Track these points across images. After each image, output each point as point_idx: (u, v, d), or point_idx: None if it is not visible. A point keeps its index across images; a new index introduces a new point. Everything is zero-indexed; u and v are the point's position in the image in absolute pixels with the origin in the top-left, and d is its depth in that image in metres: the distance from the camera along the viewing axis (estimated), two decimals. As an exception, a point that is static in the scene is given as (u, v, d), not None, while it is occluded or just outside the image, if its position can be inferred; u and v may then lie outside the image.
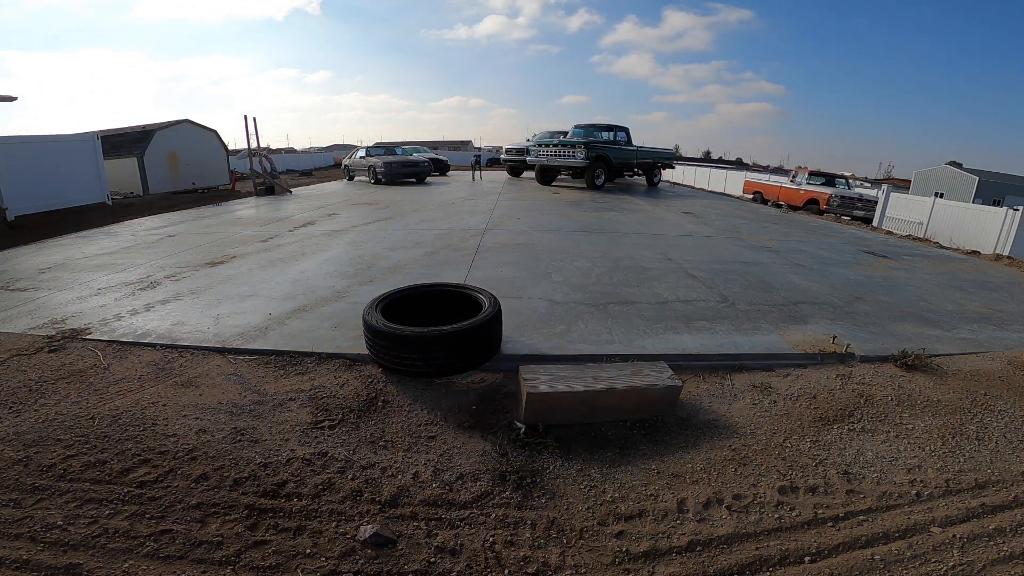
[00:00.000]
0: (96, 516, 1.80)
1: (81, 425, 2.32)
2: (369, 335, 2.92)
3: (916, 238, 9.87)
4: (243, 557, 1.67)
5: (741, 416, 2.71)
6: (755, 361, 3.36)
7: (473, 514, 1.93)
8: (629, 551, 1.78)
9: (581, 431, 2.52)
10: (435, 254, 5.89)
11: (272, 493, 1.98)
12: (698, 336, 3.64)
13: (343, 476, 2.09)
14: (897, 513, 2.03)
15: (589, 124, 15.83)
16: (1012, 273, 6.79)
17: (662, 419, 2.63)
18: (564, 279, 4.94)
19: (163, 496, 1.92)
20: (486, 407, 2.70)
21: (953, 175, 33.90)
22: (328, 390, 2.75)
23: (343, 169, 19.69)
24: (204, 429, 2.35)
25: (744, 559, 1.76)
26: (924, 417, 2.78)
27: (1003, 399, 3.00)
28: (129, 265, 5.24)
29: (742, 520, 1.96)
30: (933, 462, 2.40)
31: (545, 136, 18.15)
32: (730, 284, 5.06)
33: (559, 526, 1.89)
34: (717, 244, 7.36)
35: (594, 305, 4.21)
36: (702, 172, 22.06)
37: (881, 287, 5.41)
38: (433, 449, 2.33)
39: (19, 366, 2.90)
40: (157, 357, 3.06)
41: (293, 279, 4.74)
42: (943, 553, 1.83)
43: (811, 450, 2.44)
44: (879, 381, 3.12)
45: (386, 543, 1.75)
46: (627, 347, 3.36)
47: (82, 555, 1.63)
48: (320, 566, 1.65)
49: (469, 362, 2.90)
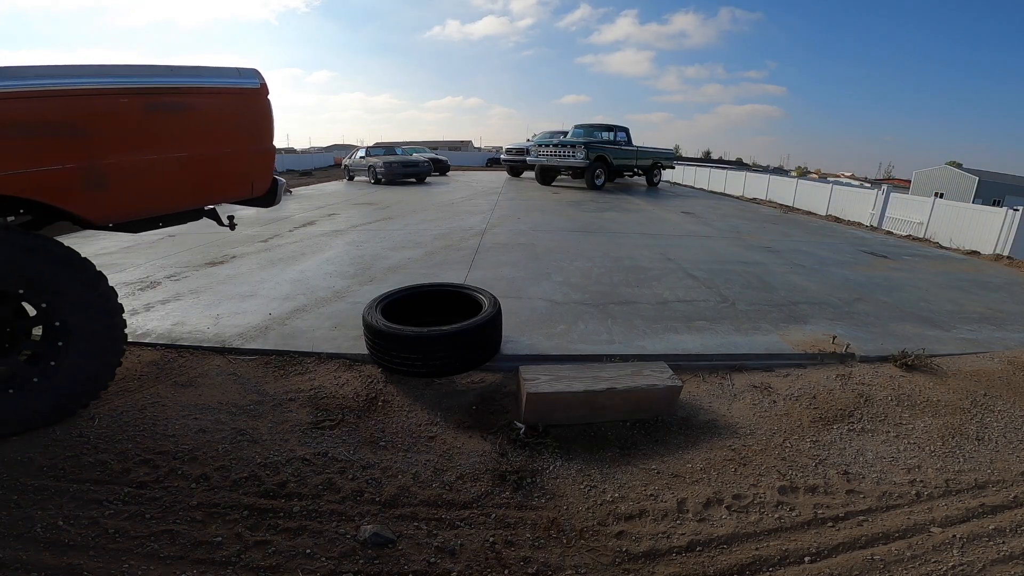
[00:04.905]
0: (96, 516, 1.80)
1: (81, 425, 2.31)
2: (369, 335, 2.92)
3: (916, 238, 9.87)
4: (243, 557, 1.67)
5: (741, 416, 2.71)
6: (755, 361, 3.36)
7: (473, 514, 1.93)
8: (629, 551, 1.78)
9: (581, 431, 2.52)
10: (435, 254, 5.89)
11: (272, 493, 1.98)
12: (698, 336, 3.64)
13: (343, 476, 2.09)
14: (897, 513, 2.04)
15: (589, 124, 15.83)
16: (1012, 273, 6.80)
17: (662, 419, 2.63)
18: (564, 279, 4.94)
19: (163, 496, 1.92)
20: (486, 407, 2.70)
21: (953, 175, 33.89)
22: (328, 390, 2.75)
23: (343, 169, 19.70)
24: (204, 429, 2.35)
25: (744, 559, 1.76)
26: (924, 417, 2.78)
27: (1003, 399, 3.00)
28: (129, 265, 5.24)
29: (742, 520, 1.96)
30: (933, 462, 2.40)
31: (545, 136, 18.16)
32: (730, 284, 5.06)
33: (559, 526, 1.89)
34: (717, 244, 7.36)
35: (594, 305, 4.21)
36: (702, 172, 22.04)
37: (881, 287, 5.41)
38: (433, 449, 2.33)
39: (19, 366, 2.90)
40: (157, 357, 3.05)
41: (293, 279, 4.74)
42: (943, 553, 1.84)
43: (811, 450, 2.44)
44: (879, 381, 3.12)
45: (386, 543, 1.75)
46: (627, 347, 3.36)
47: (82, 555, 1.63)
48: (320, 566, 1.65)
49: (469, 362, 2.90)
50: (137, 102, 2.38)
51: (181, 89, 2.54)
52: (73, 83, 2.21)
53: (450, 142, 61.37)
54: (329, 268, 5.18)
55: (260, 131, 2.92)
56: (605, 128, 15.46)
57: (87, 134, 2.24)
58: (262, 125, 2.91)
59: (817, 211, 13.24)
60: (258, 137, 2.93)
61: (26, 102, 2.08)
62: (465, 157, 38.69)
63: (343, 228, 7.63)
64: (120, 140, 2.36)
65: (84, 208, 2.32)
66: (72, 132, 2.20)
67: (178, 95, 2.54)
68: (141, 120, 2.41)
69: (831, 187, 13.50)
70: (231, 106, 2.79)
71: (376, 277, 4.86)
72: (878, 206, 11.33)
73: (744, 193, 17.67)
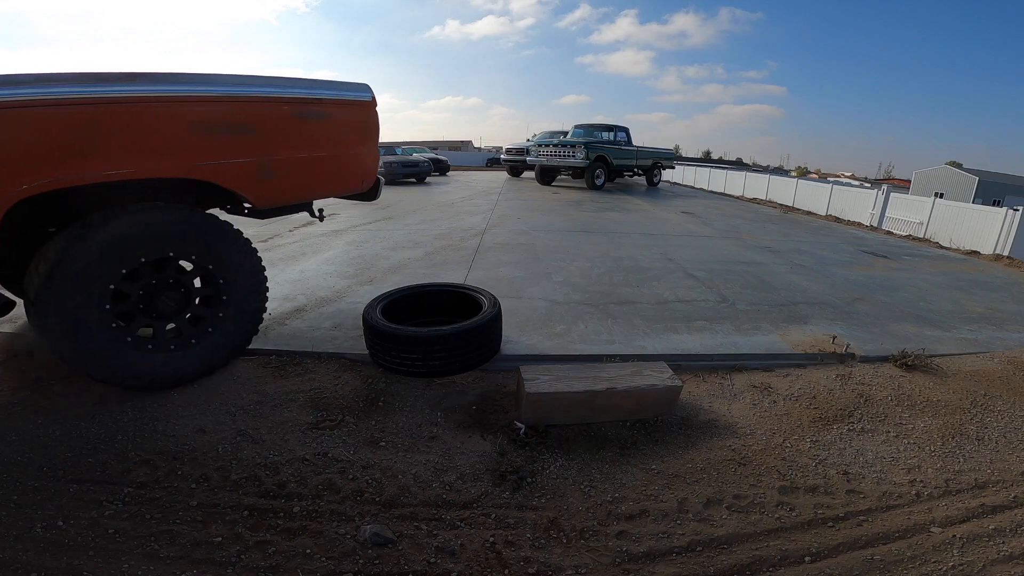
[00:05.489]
0: (96, 517, 1.80)
1: (81, 425, 2.32)
2: (369, 335, 2.92)
3: (916, 238, 9.87)
4: (243, 558, 1.67)
5: (741, 416, 2.71)
6: (755, 361, 3.36)
7: (473, 514, 1.93)
8: (629, 551, 1.78)
9: (581, 431, 2.52)
10: (435, 254, 5.89)
11: (272, 493, 1.98)
12: (698, 336, 3.64)
13: (343, 476, 2.09)
14: (897, 513, 2.04)
15: (589, 124, 15.83)
16: (1012, 273, 6.80)
17: (662, 419, 2.63)
18: (564, 279, 4.94)
19: (163, 496, 1.92)
20: (486, 407, 2.70)
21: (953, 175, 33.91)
22: (328, 390, 2.74)
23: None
24: (204, 429, 2.35)
25: (744, 559, 1.76)
26: (924, 417, 2.78)
27: (1003, 399, 3.00)
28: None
29: (742, 520, 1.96)
30: (933, 462, 2.40)
31: (545, 136, 18.16)
32: (730, 284, 5.06)
33: (559, 526, 1.89)
34: (717, 244, 7.37)
35: (594, 305, 4.21)
36: (702, 172, 22.05)
37: (881, 287, 5.41)
38: (433, 449, 2.33)
39: (19, 366, 2.90)
40: (157, 357, 3.05)
41: (293, 279, 4.74)
42: (943, 553, 1.84)
43: (811, 450, 2.44)
44: (879, 381, 3.12)
45: (386, 543, 1.75)
46: (627, 347, 3.36)
47: (82, 555, 1.63)
48: (320, 566, 1.65)
49: (469, 362, 2.90)
50: (293, 109, 2.95)
51: (323, 100, 3.12)
52: (251, 92, 2.77)
53: (450, 142, 61.31)
54: (329, 268, 5.18)
55: (371, 136, 3.51)
56: (605, 128, 15.46)
57: (260, 134, 2.82)
58: (373, 131, 3.50)
59: (817, 211, 13.24)
60: (370, 141, 3.52)
61: (224, 105, 2.66)
62: (465, 157, 38.65)
63: (343, 228, 7.62)
64: (281, 140, 2.94)
65: (254, 194, 2.90)
66: (250, 132, 2.78)
67: (320, 105, 3.11)
68: (295, 125, 3.00)
69: (831, 187, 13.51)
70: (353, 115, 3.37)
71: (376, 277, 4.86)
72: (878, 206, 11.34)
73: (744, 193, 17.67)
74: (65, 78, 2.18)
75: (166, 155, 2.49)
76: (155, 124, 2.43)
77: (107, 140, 2.30)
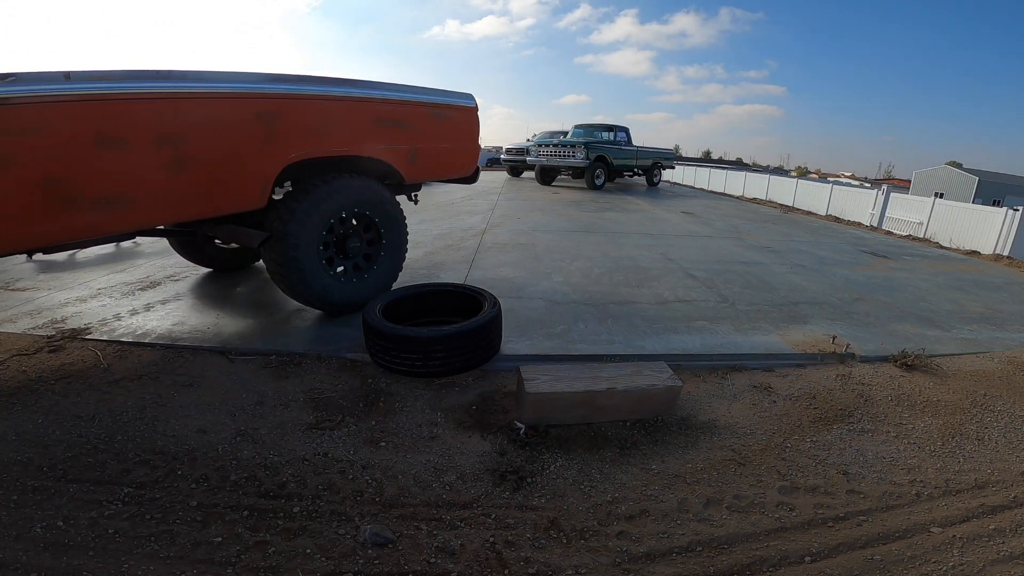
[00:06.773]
0: (96, 517, 1.80)
1: (81, 425, 2.32)
2: (369, 335, 2.92)
3: (916, 238, 9.87)
4: (243, 558, 1.67)
5: (741, 416, 2.71)
6: (755, 361, 3.36)
7: (473, 514, 1.93)
8: (630, 551, 1.78)
9: (581, 431, 2.52)
10: (435, 254, 5.89)
11: (272, 494, 1.97)
12: (698, 336, 3.64)
13: (343, 476, 2.09)
14: (897, 513, 2.04)
15: (589, 124, 15.84)
16: (1012, 273, 6.80)
17: (662, 419, 2.63)
18: (564, 279, 4.94)
19: (163, 497, 1.92)
20: (486, 407, 2.69)
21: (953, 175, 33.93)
22: (328, 391, 2.74)
23: (343, 169, 19.64)
24: (204, 429, 2.35)
25: (744, 559, 1.76)
26: (924, 417, 2.78)
27: (1003, 399, 3.01)
28: (129, 265, 5.24)
29: (742, 520, 1.96)
30: (933, 462, 2.40)
31: (545, 136, 18.16)
32: (730, 284, 5.07)
33: (559, 526, 1.89)
34: (717, 244, 7.37)
35: (594, 305, 4.21)
36: (702, 172, 22.05)
37: (881, 287, 5.41)
38: (433, 449, 2.33)
39: (19, 366, 2.90)
40: (157, 357, 3.05)
41: (293, 279, 4.73)
42: (943, 553, 1.84)
43: (811, 450, 2.44)
44: (879, 381, 3.12)
45: (386, 543, 1.75)
46: (627, 347, 3.36)
47: (82, 556, 1.63)
48: (320, 566, 1.65)
49: (469, 362, 2.90)
50: (430, 111, 4.01)
51: (448, 105, 4.18)
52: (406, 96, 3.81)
53: (450, 142, 61.26)
54: (329, 268, 5.18)
55: (475, 134, 4.55)
56: (605, 128, 15.46)
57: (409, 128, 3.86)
58: (476, 130, 4.54)
59: (817, 211, 13.25)
60: (474, 138, 4.56)
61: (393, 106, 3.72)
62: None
63: (343, 228, 7.62)
64: (422, 133, 3.97)
65: (406, 172, 3.90)
66: (404, 127, 3.83)
67: (446, 109, 4.15)
68: (432, 122, 4.05)
69: (831, 187, 13.52)
70: (463, 117, 4.38)
71: (376, 277, 4.86)
72: (878, 206, 11.35)
73: (744, 193, 17.69)
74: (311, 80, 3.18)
75: (367, 140, 3.55)
76: (361, 117, 3.51)
77: (334, 128, 3.34)
